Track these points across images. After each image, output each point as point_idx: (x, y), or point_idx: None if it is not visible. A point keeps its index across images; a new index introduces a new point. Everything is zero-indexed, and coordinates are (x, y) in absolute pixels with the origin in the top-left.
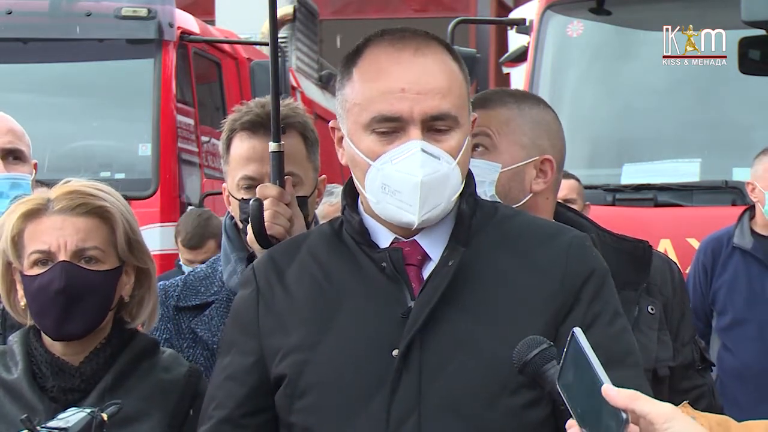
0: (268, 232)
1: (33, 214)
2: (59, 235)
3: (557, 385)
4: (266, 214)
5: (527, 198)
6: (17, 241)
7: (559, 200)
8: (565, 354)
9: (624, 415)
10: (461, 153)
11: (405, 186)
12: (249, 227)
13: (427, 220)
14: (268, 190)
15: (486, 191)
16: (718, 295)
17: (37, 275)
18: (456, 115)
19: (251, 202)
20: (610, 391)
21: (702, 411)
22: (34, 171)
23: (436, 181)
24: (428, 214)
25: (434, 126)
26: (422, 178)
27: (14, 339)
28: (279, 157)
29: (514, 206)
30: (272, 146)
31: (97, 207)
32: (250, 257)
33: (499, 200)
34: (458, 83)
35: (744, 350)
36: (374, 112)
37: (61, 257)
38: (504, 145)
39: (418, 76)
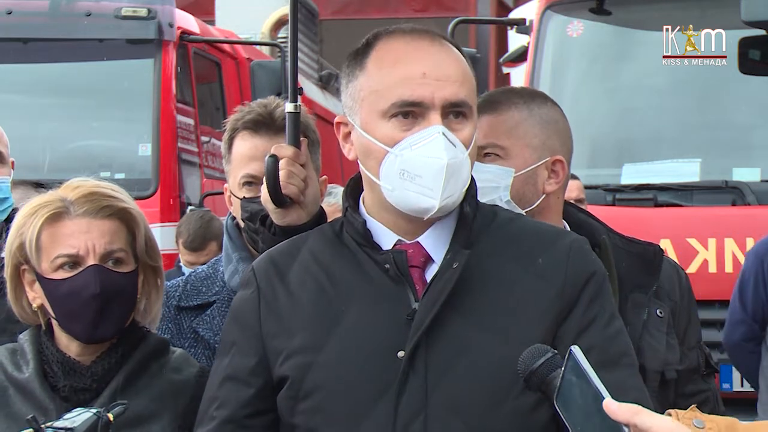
0: (282, 191)
1: (54, 217)
2: (87, 239)
3: (555, 403)
4: (281, 174)
5: (540, 200)
6: (37, 244)
7: (570, 201)
8: (563, 371)
9: (625, 430)
10: (471, 145)
11: (428, 170)
12: (263, 186)
13: (445, 206)
14: (283, 150)
15: (501, 196)
16: None
17: (65, 279)
18: (471, 104)
19: (267, 158)
20: (611, 406)
21: None
22: (11, 171)
23: (456, 167)
24: (447, 200)
25: (452, 113)
26: (448, 160)
27: (24, 338)
28: (295, 118)
29: (528, 209)
30: (289, 107)
31: (120, 209)
32: (263, 218)
33: (514, 204)
34: (470, 75)
35: None
36: (395, 98)
37: (91, 261)
38: (515, 149)
39: (437, 63)
